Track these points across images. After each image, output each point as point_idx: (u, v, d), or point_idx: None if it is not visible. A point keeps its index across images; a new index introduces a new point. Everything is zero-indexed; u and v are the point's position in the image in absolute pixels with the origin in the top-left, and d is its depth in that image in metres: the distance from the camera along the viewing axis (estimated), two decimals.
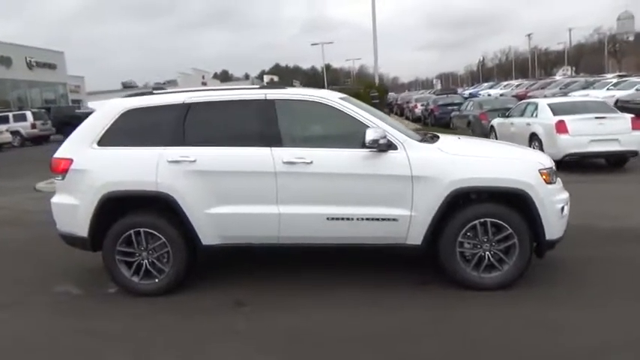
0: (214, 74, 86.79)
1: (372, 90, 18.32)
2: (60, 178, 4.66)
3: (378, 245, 4.50)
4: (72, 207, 4.58)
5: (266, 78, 76.45)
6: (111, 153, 4.55)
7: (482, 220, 4.34)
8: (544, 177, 4.38)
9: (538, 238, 4.38)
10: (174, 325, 4.05)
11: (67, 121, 27.58)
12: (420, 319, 3.98)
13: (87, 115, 4.85)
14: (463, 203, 4.38)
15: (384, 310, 4.17)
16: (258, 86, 4.75)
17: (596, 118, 10.15)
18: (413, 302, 4.28)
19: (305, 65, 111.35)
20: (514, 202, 4.36)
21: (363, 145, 4.34)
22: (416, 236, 4.40)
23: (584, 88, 26.21)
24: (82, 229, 4.57)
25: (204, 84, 55.23)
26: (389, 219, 4.37)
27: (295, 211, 4.39)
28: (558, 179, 4.64)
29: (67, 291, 4.92)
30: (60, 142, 4.88)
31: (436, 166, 4.33)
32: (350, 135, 4.50)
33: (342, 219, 4.38)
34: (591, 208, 6.67)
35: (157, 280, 4.57)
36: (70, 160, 4.57)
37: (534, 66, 77.88)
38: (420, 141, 4.60)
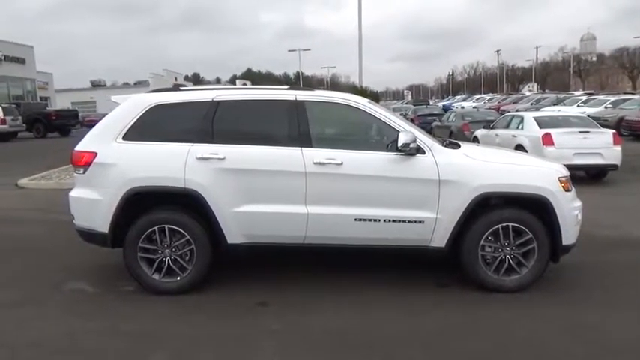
0: (185, 76, 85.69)
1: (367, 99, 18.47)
2: (81, 172, 4.55)
3: (402, 247, 4.57)
4: (93, 202, 4.48)
5: (238, 83, 75.98)
6: (137, 148, 4.48)
7: (504, 224, 4.47)
8: (563, 185, 4.56)
9: (555, 243, 4.55)
10: (207, 326, 4.00)
11: (36, 117, 26.78)
12: (454, 320, 4.06)
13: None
14: (487, 208, 4.50)
15: (414, 310, 4.23)
16: (287, 87, 4.77)
17: (580, 132, 10.56)
18: (439, 303, 4.36)
19: (277, 71, 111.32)
20: (534, 208, 4.52)
21: (394, 148, 4.43)
22: (440, 239, 4.49)
23: (554, 104, 27.23)
24: (102, 224, 4.47)
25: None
26: (415, 221, 4.46)
27: (324, 211, 4.42)
28: (572, 187, 4.84)
29: (80, 289, 4.80)
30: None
31: (463, 171, 4.45)
32: (378, 138, 4.59)
33: (370, 220, 4.44)
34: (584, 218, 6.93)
35: (178, 279, 4.51)
36: (94, 154, 4.48)
37: (502, 81, 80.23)
38: (444, 147, 4.72)
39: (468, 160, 4.54)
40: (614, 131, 10.89)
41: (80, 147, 4.60)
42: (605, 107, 22.67)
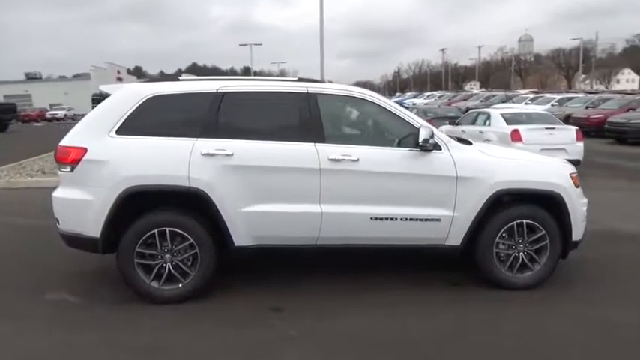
0: (127, 70, 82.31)
1: None
2: (67, 170, 4.07)
3: (417, 246, 4.41)
4: (83, 203, 4.01)
5: (184, 76, 73.68)
6: (133, 143, 4.05)
7: (519, 221, 4.41)
8: (573, 181, 4.55)
9: (565, 239, 4.53)
10: (219, 335, 3.67)
11: None
12: (474, 317, 3.95)
13: None
14: (502, 205, 4.41)
15: (432, 309, 4.09)
16: (295, 78, 4.46)
17: (546, 128, 10.87)
18: (454, 301, 4.25)
19: (224, 66, 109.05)
20: (546, 204, 4.48)
21: (409, 144, 4.27)
22: (456, 237, 4.37)
23: (503, 101, 28.18)
24: (93, 228, 4.02)
25: (119, 79, 52.11)
26: (432, 219, 4.31)
27: (339, 210, 4.18)
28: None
29: (62, 299, 4.31)
30: None
31: (480, 167, 4.34)
32: (392, 133, 4.41)
33: (386, 219, 4.24)
34: None
35: (180, 285, 4.13)
36: (84, 150, 4.01)
37: (447, 79, 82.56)
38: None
39: (484, 157, 4.44)
40: (576, 128, 11.29)
41: (66, 142, 4.11)
42: (552, 105, 23.69)
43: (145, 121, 4.10)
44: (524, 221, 4.41)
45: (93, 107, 4.58)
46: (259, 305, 4.13)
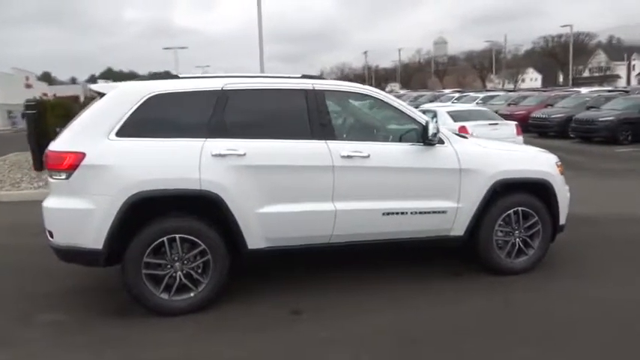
0: (37, 77, 76.57)
1: None
2: (62, 177, 3.71)
3: (424, 239, 4.49)
4: (82, 213, 3.69)
5: (100, 82, 69.81)
6: (138, 145, 3.78)
7: (515, 209, 4.62)
8: (559, 169, 4.85)
9: (554, 223, 4.81)
10: (246, 342, 3.52)
11: None
12: (484, 305, 4.07)
13: None
14: (500, 194, 4.60)
15: (444, 300, 4.18)
16: (298, 75, 4.38)
17: (490, 124, 11.50)
18: (462, 291, 4.35)
19: (142, 71, 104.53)
20: (538, 192, 4.73)
21: (414, 139, 4.35)
22: (459, 227, 4.50)
23: (431, 101, 29.39)
24: (94, 239, 3.70)
25: (29, 86, 48.42)
26: (438, 212, 4.41)
27: (352, 207, 4.16)
28: None
29: (57, 320, 3.92)
30: None
31: (480, 159, 4.50)
32: (397, 128, 4.46)
33: (398, 214, 4.28)
34: None
35: (192, 295, 3.91)
36: (82, 154, 3.67)
37: (370, 81, 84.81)
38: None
39: (482, 149, 4.61)
40: (516, 123, 12.04)
41: (59, 146, 3.75)
42: (477, 103, 25.06)
43: (148, 121, 3.85)
44: (520, 209, 4.63)
45: (24, 115, 4.08)
46: (277, 309, 4.01)
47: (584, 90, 25.73)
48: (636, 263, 5.02)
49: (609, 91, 24.67)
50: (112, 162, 3.70)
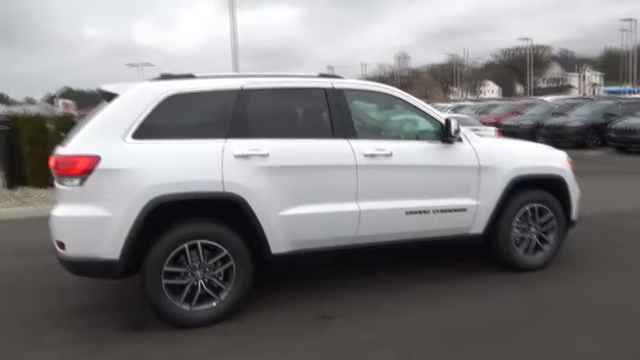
0: None
1: None
2: (75, 183, 3.45)
3: (445, 237, 4.41)
4: (97, 220, 3.44)
5: (60, 102, 67.62)
6: (157, 147, 3.57)
7: (531, 205, 4.61)
8: (570, 165, 4.89)
9: (567, 218, 4.84)
10: (286, 349, 3.33)
11: None
12: (520, 301, 4.02)
13: None
14: (517, 191, 4.58)
15: (471, 298, 4.11)
16: (316, 74, 4.26)
17: (473, 129, 11.66)
18: (490, 289, 4.29)
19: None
20: (552, 188, 4.74)
21: (431, 137, 4.31)
22: (478, 225, 4.45)
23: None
24: (110, 249, 3.45)
25: None
26: (459, 209, 4.35)
27: (376, 207, 4.05)
28: None
29: (66, 339, 3.61)
30: None
31: (498, 156, 4.49)
32: (416, 126, 4.40)
33: (420, 212, 4.20)
34: None
35: (214, 304, 3.70)
36: (96, 158, 3.43)
37: None
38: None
39: (499, 146, 4.62)
40: (495, 128, 12.29)
41: (71, 150, 3.50)
42: (448, 113, 25.58)
43: (165, 122, 3.65)
44: (536, 205, 4.63)
45: None
46: (303, 315, 3.84)
47: (548, 98, 26.67)
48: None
49: (573, 98, 25.63)
50: (129, 165, 3.47)
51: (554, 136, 16.92)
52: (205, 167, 3.60)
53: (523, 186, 4.60)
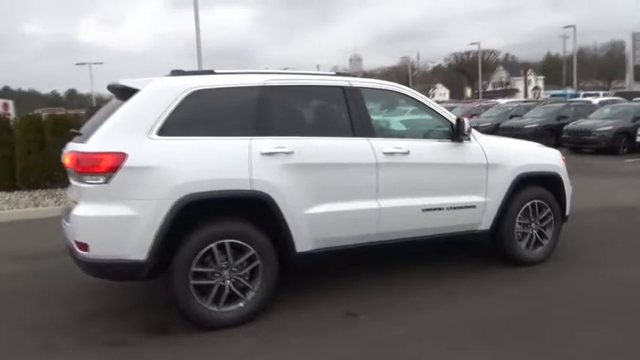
0: None
1: None
2: (100, 181, 3.31)
3: (456, 233, 4.53)
4: (124, 220, 3.31)
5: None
6: (183, 145, 3.48)
7: (532, 202, 4.82)
8: (564, 162, 5.14)
9: (562, 214, 5.08)
10: (320, 347, 3.33)
11: None
12: (527, 294, 4.18)
13: None
14: (520, 188, 4.75)
15: (489, 290, 4.25)
16: (333, 73, 4.27)
17: None
18: (498, 283, 4.43)
19: (45, 89, 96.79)
20: (549, 185, 4.96)
21: (442, 135, 4.42)
22: (486, 221, 4.60)
23: None
24: (137, 249, 3.34)
25: None
26: (470, 206, 4.48)
27: (395, 204, 4.11)
28: None
29: (83, 341, 3.45)
30: None
31: (503, 154, 4.66)
32: (428, 125, 4.50)
33: (435, 209, 4.30)
34: None
35: (242, 305, 3.64)
36: (123, 155, 3.30)
37: None
38: None
39: (503, 145, 4.79)
40: None
41: (94, 147, 3.35)
42: (408, 114, 26.14)
43: (188, 119, 3.56)
44: (536, 201, 4.84)
45: None
46: (330, 312, 3.85)
47: (502, 101, 27.74)
48: (619, 247, 5.44)
49: (525, 101, 26.81)
50: (156, 163, 3.37)
51: (513, 137, 17.66)
52: (234, 165, 3.54)
53: (525, 183, 4.79)
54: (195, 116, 3.59)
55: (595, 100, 22.50)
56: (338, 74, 4.29)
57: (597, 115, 16.76)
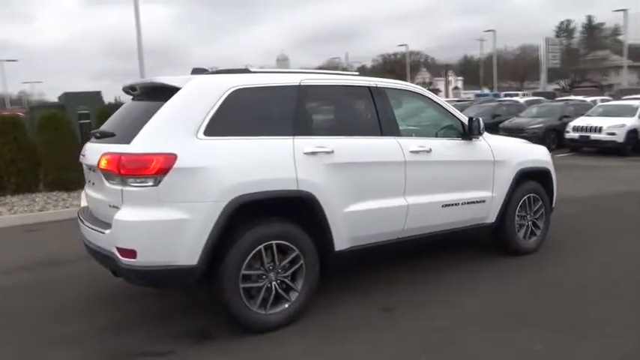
0: None
1: None
2: (149, 184, 3.14)
3: (467, 227, 4.75)
4: (176, 224, 3.17)
5: None
6: (230, 145, 3.39)
7: (529, 195, 5.17)
8: (551, 159, 5.56)
9: (550, 205, 5.49)
10: (371, 341, 3.39)
11: None
12: (542, 282, 4.47)
13: None
14: (518, 183, 5.07)
15: (505, 277, 4.53)
16: (356, 73, 4.31)
17: None
18: (509, 272, 4.72)
19: None
20: (541, 179, 5.34)
21: (458, 134, 4.62)
22: (492, 215, 4.88)
23: None
24: (188, 254, 3.22)
25: None
26: (480, 201, 4.73)
27: (420, 201, 4.25)
28: None
29: (133, 351, 3.27)
30: None
31: (506, 151, 4.96)
32: (442, 124, 4.68)
33: (453, 205, 4.49)
34: None
35: (287, 306, 3.61)
36: (173, 156, 3.16)
37: None
38: None
39: (504, 143, 5.09)
40: None
41: (142, 148, 3.17)
42: None
43: (231, 118, 3.47)
44: (532, 195, 5.19)
45: None
46: (366, 308, 3.92)
47: None
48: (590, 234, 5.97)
49: (458, 100, 28.20)
50: (207, 164, 3.25)
51: None
52: (282, 165, 3.51)
53: (524, 178, 5.13)
54: (238, 115, 3.50)
55: (522, 100, 24.10)
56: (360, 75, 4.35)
57: (527, 114, 18.04)
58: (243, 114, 3.53)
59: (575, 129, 15.30)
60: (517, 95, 33.62)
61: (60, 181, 8.92)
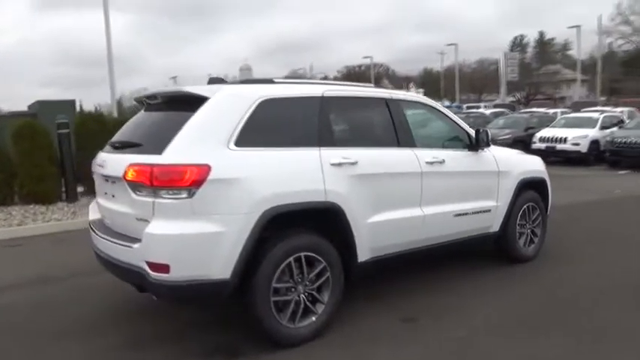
0: None
1: None
2: (183, 196, 3.06)
3: (475, 236, 4.85)
4: (211, 237, 3.11)
5: None
6: (261, 156, 3.35)
7: (528, 204, 5.34)
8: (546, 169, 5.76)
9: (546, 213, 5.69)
10: (400, 350, 3.40)
11: None
12: (549, 285, 4.62)
13: None
14: (519, 193, 5.23)
15: (509, 283, 4.64)
16: (372, 85, 4.35)
17: None
18: (515, 277, 4.87)
19: None
20: (537, 188, 5.52)
21: (465, 146, 4.74)
22: (496, 224, 5.01)
23: None
24: (222, 268, 3.15)
25: None
26: (486, 210, 4.85)
27: (435, 211, 4.32)
28: None
29: None
30: None
31: (508, 162, 5.12)
32: (451, 135, 4.78)
33: (463, 215, 4.59)
34: None
35: (314, 319, 3.58)
36: (207, 167, 3.09)
37: None
38: None
39: (506, 153, 5.25)
40: None
41: (176, 158, 3.08)
42: None
43: (260, 129, 3.43)
44: (531, 204, 5.37)
45: None
46: (387, 319, 3.93)
47: None
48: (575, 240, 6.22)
49: None
50: (240, 175, 3.20)
51: None
52: (311, 176, 3.49)
53: (524, 188, 5.29)
54: (266, 126, 3.47)
55: (487, 112, 24.88)
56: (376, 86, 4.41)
57: (494, 125, 18.61)
58: (270, 125, 3.51)
59: (542, 139, 15.91)
60: (479, 107, 34.66)
61: (36, 194, 8.54)
